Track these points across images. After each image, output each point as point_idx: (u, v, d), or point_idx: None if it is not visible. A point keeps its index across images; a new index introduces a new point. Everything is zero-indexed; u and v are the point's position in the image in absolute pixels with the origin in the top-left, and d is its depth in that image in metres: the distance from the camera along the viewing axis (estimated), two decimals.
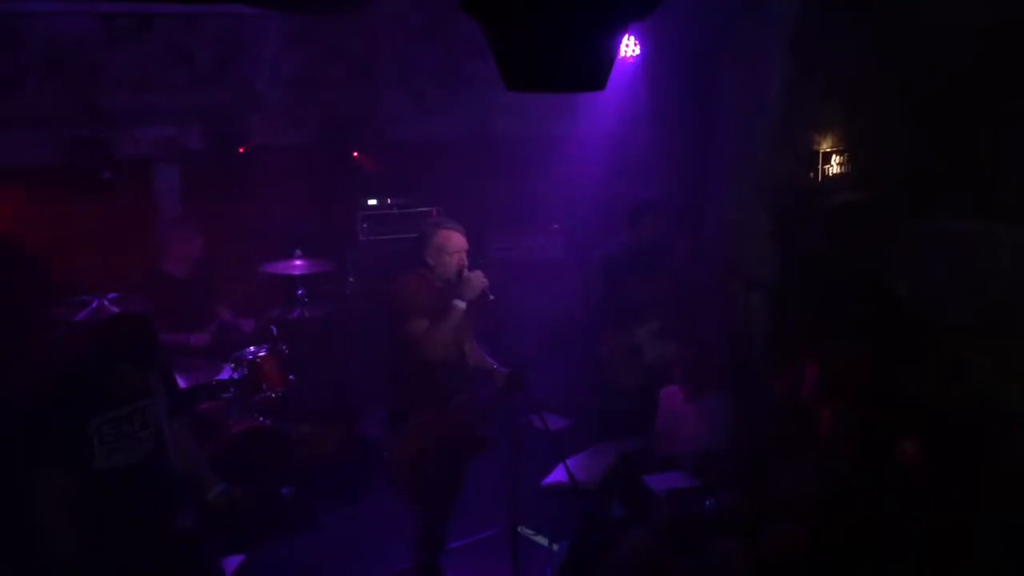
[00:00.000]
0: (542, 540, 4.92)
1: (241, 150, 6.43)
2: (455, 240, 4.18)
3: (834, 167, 5.36)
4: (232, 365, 5.40)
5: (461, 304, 4.03)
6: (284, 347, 5.64)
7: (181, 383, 4.99)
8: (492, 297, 4.10)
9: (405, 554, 4.38)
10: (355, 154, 6.89)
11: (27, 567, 3.69)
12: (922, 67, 4.61)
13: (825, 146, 5.35)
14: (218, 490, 3.75)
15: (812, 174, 5.34)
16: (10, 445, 3.62)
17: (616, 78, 1.92)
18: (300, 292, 5.81)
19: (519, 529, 4.04)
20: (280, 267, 5.81)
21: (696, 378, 4.87)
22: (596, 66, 1.83)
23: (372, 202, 6.86)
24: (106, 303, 4.59)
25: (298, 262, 5.80)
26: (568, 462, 4.25)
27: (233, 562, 4.71)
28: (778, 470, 4.15)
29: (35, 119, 5.84)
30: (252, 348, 5.49)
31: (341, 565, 4.91)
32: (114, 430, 3.37)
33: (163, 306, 4.99)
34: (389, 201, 6.90)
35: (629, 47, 6.25)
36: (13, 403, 4.29)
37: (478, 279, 4.08)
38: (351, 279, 6.79)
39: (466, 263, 4.20)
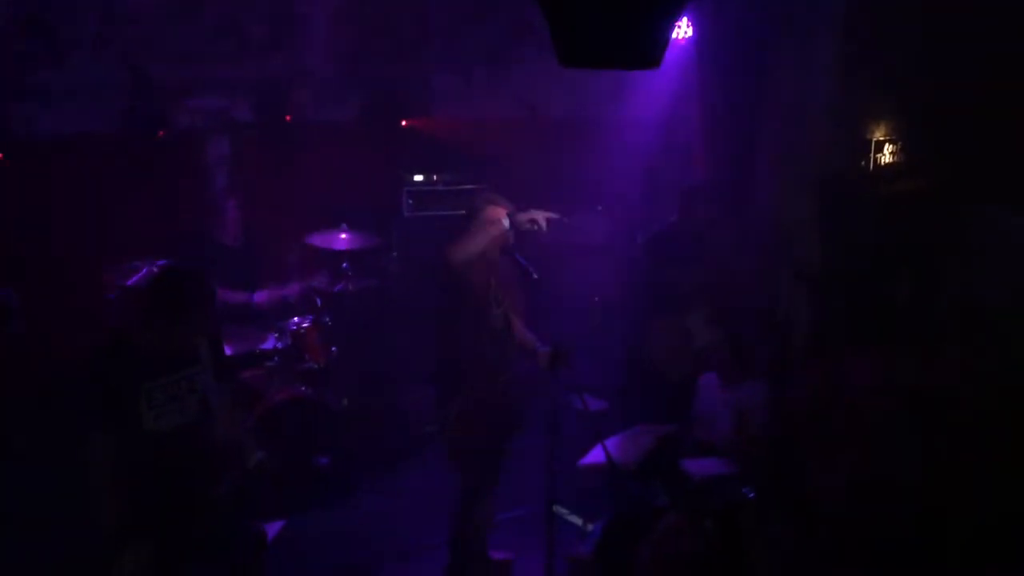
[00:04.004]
0: (577, 520, 4.94)
1: (288, 118, 6.48)
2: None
3: (886, 156, 5.26)
4: (275, 334, 5.47)
5: (505, 222, 4.04)
6: (327, 319, 5.70)
7: (226, 350, 5.09)
8: (536, 276, 4.08)
9: (441, 527, 4.43)
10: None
11: (78, 526, 3.77)
12: (977, 54, 4.50)
13: (878, 134, 5.25)
14: (257, 459, 3.81)
15: (864, 162, 5.25)
16: (64, 406, 3.70)
17: (667, 59, 1.90)
18: (344, 265, 5.86)
19: (554, 508, 4.05)
20: (325, 239, 5.87)
21: (736, 365, 4.84)
22: (652, 43, 1.82)
23: (418, 178, 6.89)
24: (155, 270, 4.67)
25: (343, 235, 5.85)
26: (607, 442, 4.25)
27: (274, 527, 4.81)
28: (815, 465, 4.11)
29: (90, 89, 5.94)
30: (296, 319, 5.56)
31: (377, 536, 4.98)
32: (163, 394, 3.43)
33: (214, 272, 5.05)
34: (435, 177, 6.91)
35: (681, 28, 6.19)
36: (66, 365, 4.40)
37: (540, 216, 4.11)
38: (395, 254, 6.84)
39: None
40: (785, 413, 4.63)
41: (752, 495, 4.11)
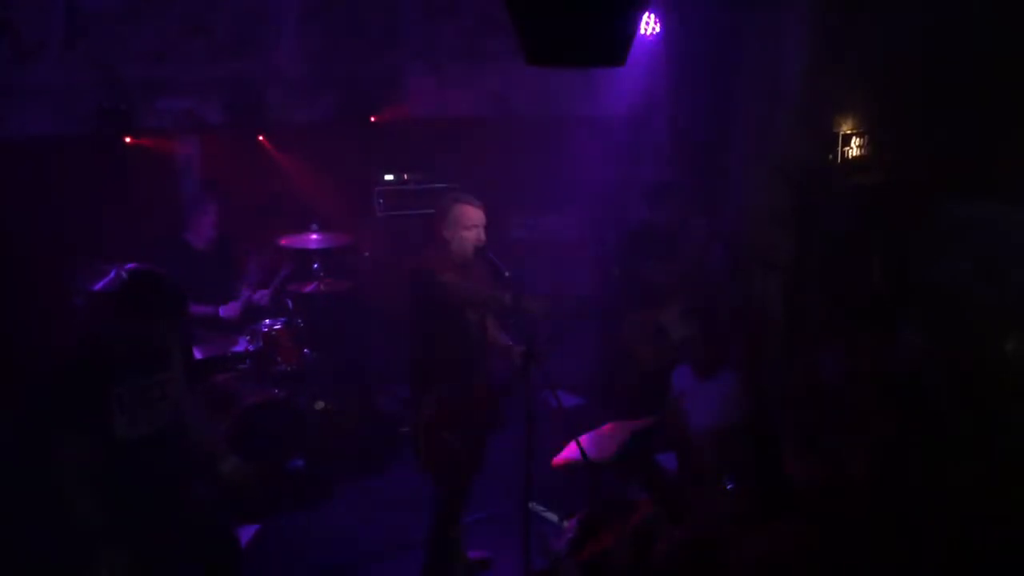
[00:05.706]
0: (552, 516, 4.94)
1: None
2: (472, 214, 4.14)
3: (854, 149, 5.31)
4: (247, 337, 5.43)
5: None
6: (299, 320, 5.67)
7: (197, 354, 5.05)
8: (508, 274, 4.07)
9: (418, 527, 4.41)
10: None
11: (52, 533, 3.73)
12: (946, 48, 4.55)
13: (846, 128, 5.29)
14: (232, 463, 3.78)
15: (832, 156, 5.30)
16: (34, 412, 3.65)
17: (635, 56, 1.91)
18: (315, 266, 5.83)
19: (530, 505, 4.04)
20: (296, 240, 5.83)
21: (709, 358, 4.86)
22: (616, 41, 1.82)
23: (389, 177, 6.86)
24: (123, 273, 4.61)
25: (314, 236, 5.81)
26: (581, 439, 4.25)
27: (248, 531, 4.78)
28: (793, 456, 4.13)
29: (57, 89, 5.85)
30: (267, 321, 5.53)
31: (354, 537, 4.96)
32: (135, 399, 3.39)
33: (184, 276, 5.00)
34: (406, 177, 6.90)
35: (649, 25, 6.20)
36: (36, 371, 4.33)
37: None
38: (366, 254, 6.81)
39: (484, 239, 4.17)
40: (761, 403, 4.66)
41: (730, 486, 4.13)
